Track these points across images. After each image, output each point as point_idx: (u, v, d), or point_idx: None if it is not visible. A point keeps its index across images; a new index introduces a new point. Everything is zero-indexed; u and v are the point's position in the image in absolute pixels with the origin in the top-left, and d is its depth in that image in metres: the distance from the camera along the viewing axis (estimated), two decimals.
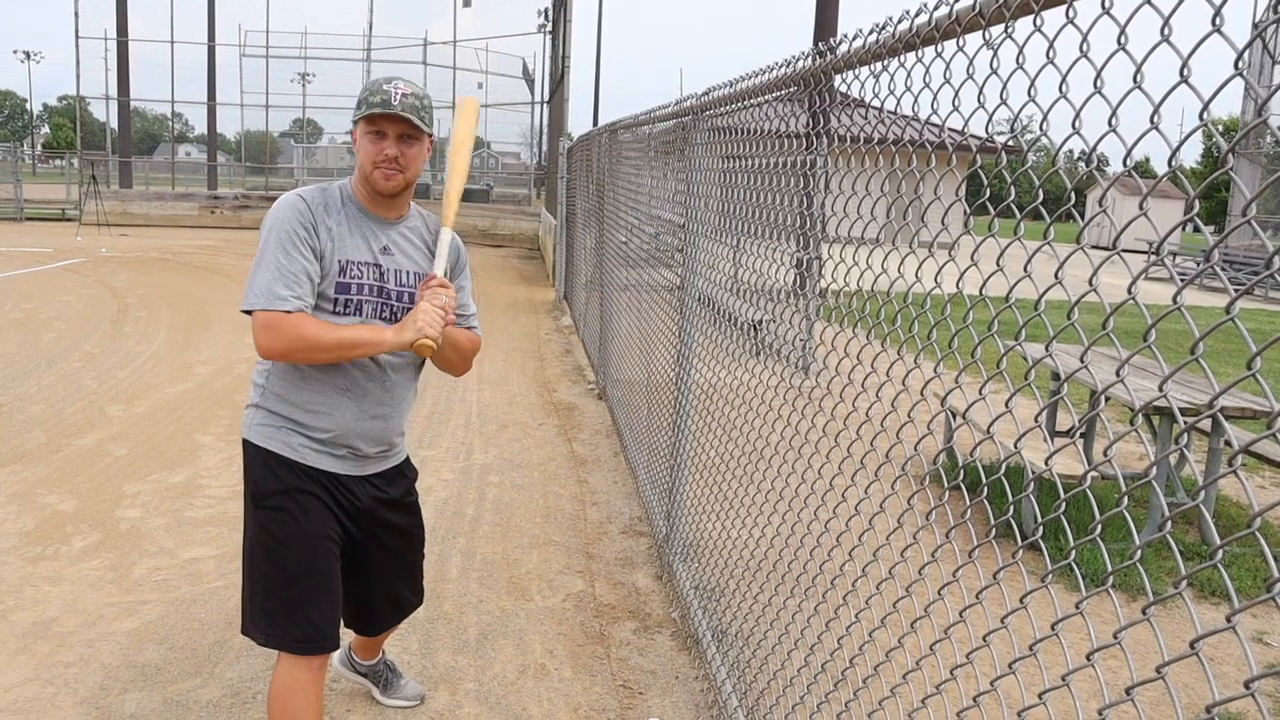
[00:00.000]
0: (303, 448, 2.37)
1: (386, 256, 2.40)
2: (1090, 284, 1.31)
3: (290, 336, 2.21)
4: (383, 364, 2.42)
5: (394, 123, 2.30)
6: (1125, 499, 1.29)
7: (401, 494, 2.64)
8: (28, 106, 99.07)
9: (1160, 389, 1.20)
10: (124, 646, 3.41)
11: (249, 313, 2.23)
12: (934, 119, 1.77)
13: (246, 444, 2.41)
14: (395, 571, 2.72)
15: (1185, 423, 1.15)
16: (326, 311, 2.32)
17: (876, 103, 2.06)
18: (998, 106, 1.55)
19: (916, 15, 1.75)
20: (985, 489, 1.68)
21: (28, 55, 77.75)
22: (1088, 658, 1.32)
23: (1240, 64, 1.06)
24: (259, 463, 2.38)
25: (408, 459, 2.70)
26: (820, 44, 2.34)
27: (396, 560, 2.70)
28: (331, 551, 2.42)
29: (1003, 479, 1.67)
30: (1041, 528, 1.59)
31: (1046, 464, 1.50)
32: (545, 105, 24.94)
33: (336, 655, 3.12)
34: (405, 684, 3.16)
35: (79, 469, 5.28)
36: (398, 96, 2.28)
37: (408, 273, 2.43)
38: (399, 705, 3.11)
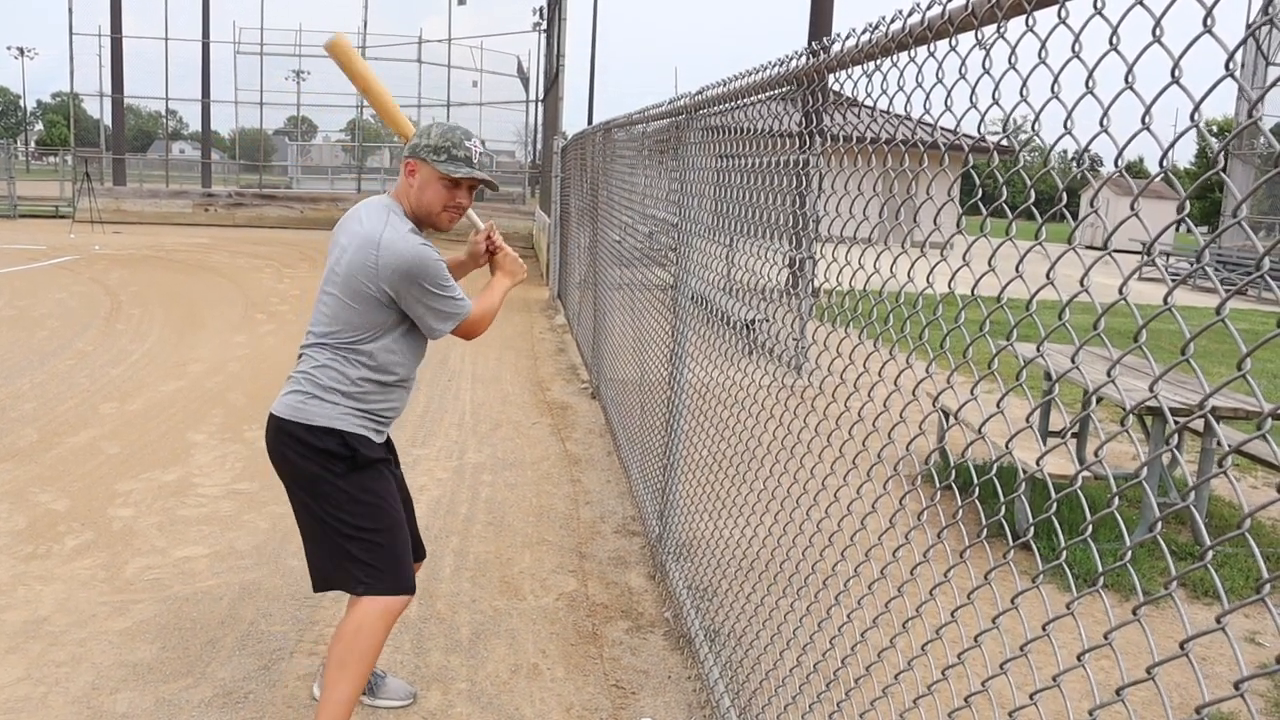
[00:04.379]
0: (376, 434, 2.73)
1: None
2: (1081, 284, 1.31)
3: (484, 321, 2.83)
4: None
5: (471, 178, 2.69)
6: (1117, 499, 1.29)
7: (393, 450, 2.97)
8: (21, 103, 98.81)
9: (1151, 389, 1.20)
10: (116, 646, 3.40)
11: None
12: (927, 119, 1.76)
13: (329, 430, 2.62)
14: (409, 510, 3.00)
15: (1176, 423, 1.15)
16: (418, 333, 2.73)
17: (870, 102, 2.06)
18: (990, 106, 1.55)
19: (909, 15, 1.75)
20: (977, 489, 1.68)
21: (21, 51, 77.53)
22: (1078, 658, 1.31)
23: (1231, 65, 1.06)
24: (354, 439, 2.65)
25: None
26: (814, 43, 2.33)
27: (408, 502, 3.00)
28: None
29: (994, 479, 1.67)
30: (1033, 528, 1.59)
31: (1038, 464, 1.50)
32: (540, 103, 24.91)
33: (316, 681, 3.15)
34: (391, 683, 3.15)
35: (71, 467, 5.26)
36: (477, 156, 2.67)
37: None
38: (390, 705, 3.11)
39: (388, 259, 2.53)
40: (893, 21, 1.83)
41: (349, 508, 2.64)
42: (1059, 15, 1.33)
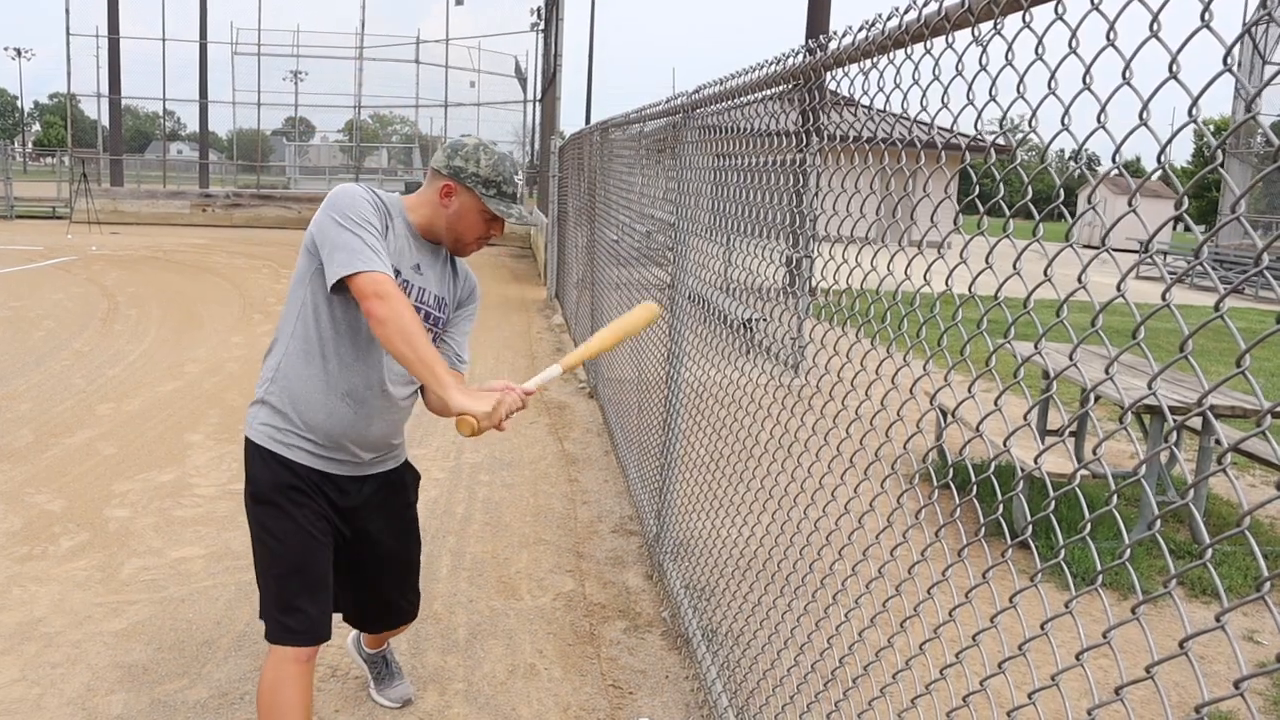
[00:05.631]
0: (300, 450, 2.40)
1: (416, 274, 2.45)
2: (1079, 280, 1.30)
3: (397, 309, 2.12)
4: (388, 382, 2.45)
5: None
6: (1115, 498, 1.29)
7: (398, 496, 2.68)
8: (19, 104, 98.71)
9: (1149, 387, 1.19)
10: (111, 647, 3.39)
11: (344, 280, 2.16)
12: (923, 116, 1.76)
13: (247, 441, 2.44)
14: (388, 572, 2.72)
15: (1175, 421, 1.14)
16: (358, 309, 2.27)
17: (866, 100, 2.05)
18: (986, 104, 1.54)
19: (906, 12, 1.74)
20: (975, 488, 1.67)
21: (19, 52, 77.39)
22: (1077, 657, 1.31)
23: (1229, 60, 1.05)
24: (257, 460, 2.41)
25: (407, 462, 2.73)
26: (810, 40, 2.33)
27: (388, 561, 2.70)
28: (324, 546, 2.45)
29: (992, 478, 1.66)
30: (1031, 526, 1.58)
31: (1036, 462, 1.50)
32: (538, 104, 24.90)
33: (350, 636, 3.18)
34: (398, 685, 3.14)
35: (67, 468, 5.24)
36: (521, 191, 2.45)
37: (431, 294, 2.49)
38: (386, 705, 3.10)
39: (325, 199, 2.29)
40: (889, 19, 1.83)
41: (255, 544, 2.45)
42: (1056, 11, 1.32)
